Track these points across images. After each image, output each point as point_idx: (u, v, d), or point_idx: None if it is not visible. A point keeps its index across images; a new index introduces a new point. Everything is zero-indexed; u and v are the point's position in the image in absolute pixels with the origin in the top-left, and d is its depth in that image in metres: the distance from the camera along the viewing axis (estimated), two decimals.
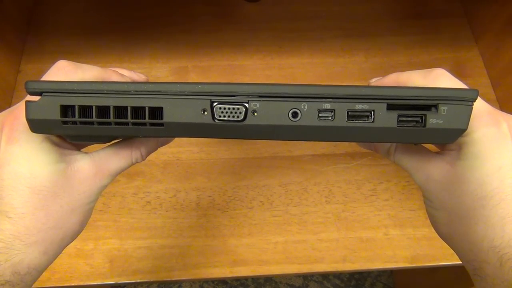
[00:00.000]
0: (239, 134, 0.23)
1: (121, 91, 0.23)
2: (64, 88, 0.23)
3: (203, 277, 0.48)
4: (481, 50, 0.65)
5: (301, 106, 0.22)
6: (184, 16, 0.67)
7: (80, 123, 0.23)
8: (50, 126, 0.23)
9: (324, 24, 0.66)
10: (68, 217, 0.27)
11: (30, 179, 0.24)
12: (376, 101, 0.22)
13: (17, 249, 0.24)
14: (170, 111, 0.23)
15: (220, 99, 0.23)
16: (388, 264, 0.49)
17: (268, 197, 0.53)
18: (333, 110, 0.22)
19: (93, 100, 0.23)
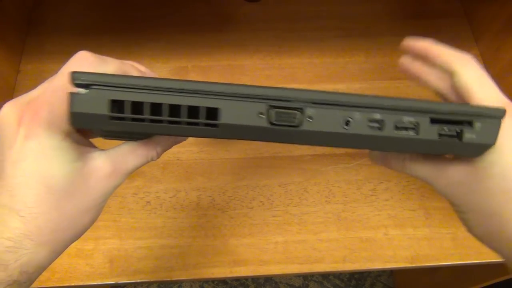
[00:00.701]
0: (293, 139, 0.23)
1: (176, 89, 0.22)
2: (116, 82, 0.22)
3: (203, 277, 0.48)
4: (481, 50, 0.65)
5: (353, 115, 0.23)
6: (184, 16, 0.67)
7: (131, 119, 0.22)
8: (96, 121, 0.22)
9: (324, 24, 0.66)
10: (82, 217, 0.26)
11: (47, 178, 0.23)
12: (421, 114, 0.23)
13: (26, 248, 0.23)
14: (226, 113, 0.22)
15: (278, 103, 0.23)
16: (388, 264, 0.49)
17: (268, 197, 0.53)
18: (382, 121, 0.23)
19: (146, 97, 0.22)
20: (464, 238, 0.50)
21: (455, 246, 0.50)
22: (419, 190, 0.53)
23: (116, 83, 0.22)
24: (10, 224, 0.23)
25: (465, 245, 0.50)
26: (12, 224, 0.23)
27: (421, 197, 0.53)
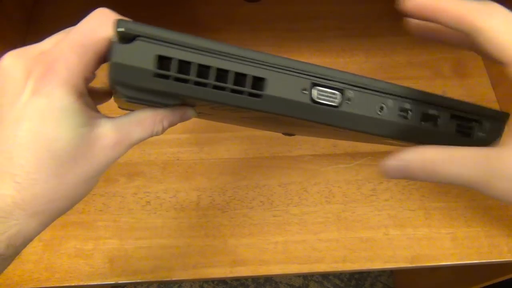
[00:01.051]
0: (330, 119, 0.24)
1: (226, 53, 0.21)
2: (165, 37, 0.20)
3: (203, 277, 0.48)
4: None
5: (387, 102, 0.24)
6: (184, 16, 0.67)
7: (175, 79, 0.20)
8: (138, 76, 0.20)
9: (324, 24, 0.66)
10: (80, 187, 0.24)
11: (51, 142, 0.21)
12: (445, 109, 0.25)
13: (15, 219, 0.21)
14: (272, 84, 0.22)
15: (322, 82, 0.23)
16: (388, 264, 0.49)
17: (268, 197, 0.53)
18: (411, 110, 0.24)
19: (195, 57, 0.21)
20: (464, 238, 0.50)
21: (455, 246, 0.50)
22: (419, 190, 0.53)
23: (166, 38, 0.20)
24: (1, 191, 0.21)
25: (465, 245, 0.50)
26: (4, 191, 0.21)
27: (421, 197, 0.53)
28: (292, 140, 0.56)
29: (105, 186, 0.53)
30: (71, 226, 0.50)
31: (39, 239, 0.49)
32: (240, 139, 0.56)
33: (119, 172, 0.54)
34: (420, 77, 0.62)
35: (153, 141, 0.56)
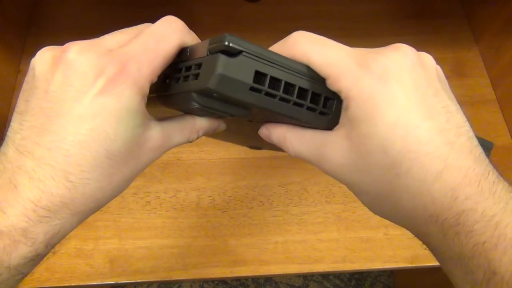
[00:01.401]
0: None
1: (306, 74, 0.22)
2: (264, 54, 0.21)
3: (203, 277, 0.48)
4: (481, 50, 0.65)
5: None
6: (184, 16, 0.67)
7: (265, 93, 0.21)
8: (236, 88, 0.21)
9: (324, 24, 0.66)
10: (122, 186, 0.24)
11: (110, 141, 0.21)
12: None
13: (59, 218, 0.20)
14: (339, 104, 0.23)
15: None
16: (388, 264, 0.49)
17: (268, 197, 0.53)
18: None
19: (284, 75, 0.22)
20: None
21: None
22: None
23: (264, 55, 0.21)
24: (51, 189, 0.20)
25: None
26: (54, 190, 0.20)
27: None
28: None
29: None
30: None
31: None
32: None
33: None
34: None
35: None
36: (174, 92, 0.23)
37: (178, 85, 0.23)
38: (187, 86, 0.22)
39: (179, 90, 0.23)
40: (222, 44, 0.21)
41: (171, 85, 0.24)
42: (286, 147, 0.24)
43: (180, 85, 0.23)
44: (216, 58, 0.20)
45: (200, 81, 0.21)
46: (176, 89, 0.23)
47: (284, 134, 0.24)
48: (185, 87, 0.22)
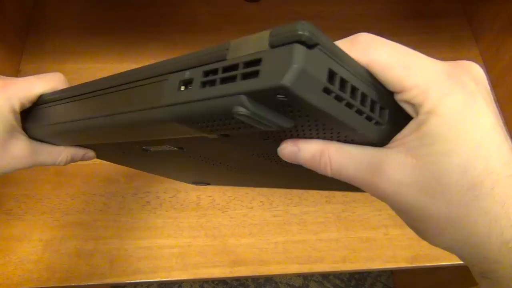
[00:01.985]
0: None
1: (367, 79, 0.19)
2: (336, 52, 0.18)
3: (203, 277, 0.48)
4: (481, 50, 0.65)
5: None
6: (184, 16, 0.67)
7: (335, 96, 0.18)
8: (311, 88, 0.17)
9: (324, 24, 0.66)
10: None
11: None
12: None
13: None
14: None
15: None
16: (388, 264, 0.49)
17: (268, 197, 0.53)
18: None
19: (351, 78, 0.18)
20: None
21: None
22: None
23: (335, 52, 0.18)
24: None
25: None
26: None
27: None
28: None
29: (105, 186, 0.53)
30: (71, 226, 0.50)
31: (40, 239, 0.49)
32: None
33: (119, 172, 0.54)
34: None
35: None
36: (203, 98, 0.18)
37: (213, 89, 0.18)
38: (234, 87, 0.17)
39: (215, 95, 0.18)
40: (297, 34, 0.17)
41: (192, 92, 0.19)
42: (323, 164, 0.21)
43: (217, 89, 0.18)
44: (291, 49, 0.16)
45: (264, 79, 0.16)
46: (208, 94, 0.18)
47: (322, 150, 0.21)
48: (230, 89, 0.17)
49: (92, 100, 0.27)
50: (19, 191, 0.53)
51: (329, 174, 0.21)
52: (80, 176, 0.54)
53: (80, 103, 0.28)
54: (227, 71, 0.18)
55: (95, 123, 0.26)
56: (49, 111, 0.30)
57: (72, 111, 0.28)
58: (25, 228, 0.50)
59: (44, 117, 0.30)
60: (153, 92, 0.21)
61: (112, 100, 0.25)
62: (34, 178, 0.54)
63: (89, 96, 0.27)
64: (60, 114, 0.29)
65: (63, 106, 0.29)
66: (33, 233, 0.50)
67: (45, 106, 0.30)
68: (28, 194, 0.52)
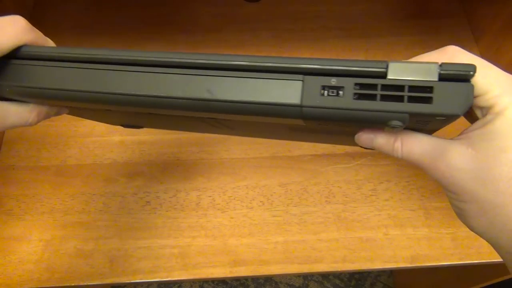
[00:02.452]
0: None
1: None
2: None
3: (203, 277, 0.48)
4: (481, 50, 0.65)
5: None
6: (184, 16, 0.67)
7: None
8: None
9: (324, 24, 0.66)
10: None
11: None
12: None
13: None
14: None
15: None
16: (388, 264, 0.49)
17: (268, 197, 0.53)
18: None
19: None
20: (464, 238, 0.50)
21: (455, 246, 0.50)
22: (419, 190, 0.53)
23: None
24: None
25: (465, 245, 0.50)
26: None
27: (421, 197, 0.53)
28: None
29: (105, 186, 0.53)
30: (71, 226, 0.50)
31: (40, 239, 0.50)
32: (240, 139, 0.56)
33: (119, 172, 0.54)
34: None
35: (153, 141, 0.56)
36: (359, 108, 0.21)
37: (373, 103, 0.21)
38: (400, 106, 0.20)
39: (376, 108, 0.21)
40: (469, 75, 0.20)
41: (344, 100, 0.21)
42: (396, 148, 0.25)
43: (379, 104, 0.21)
44: (467, 88, 0.20)
45: (438, 106, 0.20)
46: (366, 106, 0.21)
47: (395, 137, 0.25)
48: (396, 107, 0.20)
49: (137, 75, 0.24)
50: (19, 191, 0.53)
51: (399, 156, 0.25)
52: (80, 176, 0.54)
53: (112, 73, 0.24)
54: (388, 90, 0.21)
55: (144, 101, 0.23)
56: (35, 70, 0.26)
57: (91, 79, 0.25)
58: (25, 228, 0.50)
59: (25, 76, 0.26)
60: (281, 89, 0.22)
61: (193, 82, 0.23)
62: (34, 178, 0.54)
63: (129, 69, 0.24)
64: (63, 78, 0.25)
65: (70, 70, 0.25)
66: (33, 233, 0.50)
67: (28, 63, 0.26)
68: (28, 194, 0.53)
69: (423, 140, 0.25)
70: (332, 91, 0.21)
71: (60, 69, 0.25)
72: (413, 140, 0.25)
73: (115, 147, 0.56)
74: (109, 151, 0.56)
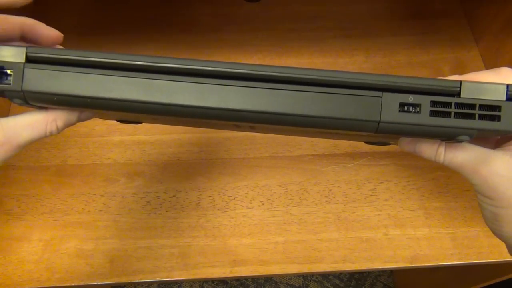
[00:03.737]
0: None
1: None
2: None
3: (203, 277, 0.48)
4: (481, 50, 0.65)
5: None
6: (184, 16, 0.67)
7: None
8: None
9: (324, 24, 0.66)
10: None
11: None
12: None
13: None
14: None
15: None
16: (388, 264, 0.49)
17: (268, 197, 0.53)
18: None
19: None
20: (464, 238, 0.50)
21: (455, 246, 0.50)
22: (419, 190, 0.53)
23: None
24: None
25: (465, 245, 0.50)
26: None
27: (421, 197, 0.53)
28: (292, 140, 0.56)
29: (105, 186, 0.53)
30: (71, 226, 0.50)
31: (40, 239, 0.50)
32: (240, 139, 0.56)
33: (119, 172, 0.54)
34: None
35: (153, 141, 0.56)
36: (434, 125, 0.23)
37: (447, 120, 0.23)
38: (471, 124, 0.23)
39: (449, 125, 0.23)
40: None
41: (421, 117, 0.23)
42: (438, 154, 0.27)
43: (453, 121, 0.23)
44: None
45: (506, 124, 0.22)
46: (440, 123, 0.23)
47: (440, 143, 0.27)
48: (468, 124, 0.23)
49: (200, 86, 0.23)
50: (19, 191, 0.53)
51: (441, 161, 0.27)
52: (80, 176, 0.54)
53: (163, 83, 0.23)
54: (461, 108, 0.23)
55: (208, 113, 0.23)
56: (59, 76, 0.24)
57: (138, 89, 0.24)
58: (25, 228, 0.50)
59: (48, 82, 0.24)
60: (360, 105, 0.23)
61: (266, 97, 0.23)
62: (34, 178, 0.54)
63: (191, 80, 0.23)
64: (97, 85, 0.24)
65: (103, 77, 0.24)
66: (33, 233, 0.50)
67: (49, 67, 0.25)
68: (28, 194, 0.53)
69: (467, 147, 0.26)
70: (409, 108, 0.23)
71: (85, 75, 0.25)
72: (456, 146, 0.26)
73: (115, 147, 0.56)
74: (109, 151, 0.56)
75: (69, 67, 0.25)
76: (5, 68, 0.24)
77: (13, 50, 0.25)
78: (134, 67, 0.24)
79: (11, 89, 0.24)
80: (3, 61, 0.24)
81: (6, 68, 0.24)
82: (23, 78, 0.24)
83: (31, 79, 0.25)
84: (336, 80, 0.23)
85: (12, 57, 0.25)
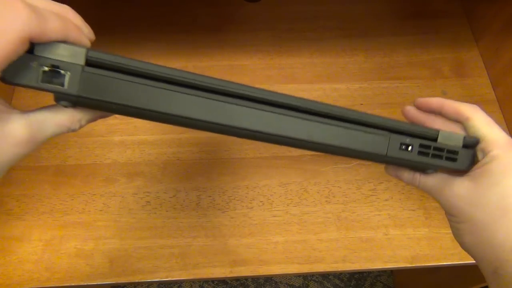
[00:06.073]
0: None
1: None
2: None
3: (203, 277, 0.48)
4: (481, 50, 0.65)
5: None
6: (184, 16, 0.67)
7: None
8: None
9: (324, 24, 0.66)
10: None
11: None
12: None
13: None
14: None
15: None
16: (388, 264, 0.49)
17: (268, 197, 0.53)
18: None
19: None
20: None
21: (455, 246, 0.50)
22: (419, 190, 0.53)
23: None
24: None
25: None
26: None
27: (421, 197, 0.53)
28: None
29: (105, 186, 0.53)
30: (71, 226, 0.50)
31: (40, 239, 0.49)
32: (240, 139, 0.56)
33: (119, 172, 0.54)
34: (420, 77, 0.62)
35: (153, 141, 0.56)
36: (419, 161, 0.30)
37: (426, 158, 0.30)
38: (440, 162, 0.30)
39: (428, 162, 0.30)
40: (475, 144, 0.30)
41: (412, 155, 0.30)
42: (416, 181, 0.33)
43: (430, 160, 0.30)
44: (474, 154, 0.30)
45: (459, 164, 0.30)
46: (423, 160, 0.30)
47: (415, 175, 0.33)
48: (439, 162, 0.30)
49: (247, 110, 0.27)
50: (19, 191, 0.53)
51: (416, 184, 0.33)
52: (80, 176, 0.54)
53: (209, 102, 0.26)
54: (436, 150, 0.30)
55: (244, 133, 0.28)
56: (114, 84, 0.24)
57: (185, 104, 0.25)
58: (25, 228, 0.50)
59: (103, 89, 0.23)
60: (376, 141, 0.29)
61: (309, 127, 0.28)
62: (34, 178, 0.54)
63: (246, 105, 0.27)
64: (150, 97, 0.24)
65: (161, 91, 0.24)
66: (33, 233, 0.50)
67: (109, 74, 0.23)
68: (28, 194, 0.53)
69: (435, 175, 0.32)
70: (406, 147, 0.29)
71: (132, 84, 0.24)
72: (427, 177, 0.32)
73: (115, 147, 0.56)
74: (109, 151, 0.56)
75: (132, 76, 0.24)
76: (60, 68, 0.22)
77: (71, 49, 0.22)
78: (207, 88, 0.25)
79: (65, 92, 0.23)
80: (59, 60, 0.22)
81: (61, 68, 0.22)
82: (80, 82, 0.23)
83: (89, 84, 0.23)
84: (360, 120, 0.28)
85: (70, 57, 0.22)
